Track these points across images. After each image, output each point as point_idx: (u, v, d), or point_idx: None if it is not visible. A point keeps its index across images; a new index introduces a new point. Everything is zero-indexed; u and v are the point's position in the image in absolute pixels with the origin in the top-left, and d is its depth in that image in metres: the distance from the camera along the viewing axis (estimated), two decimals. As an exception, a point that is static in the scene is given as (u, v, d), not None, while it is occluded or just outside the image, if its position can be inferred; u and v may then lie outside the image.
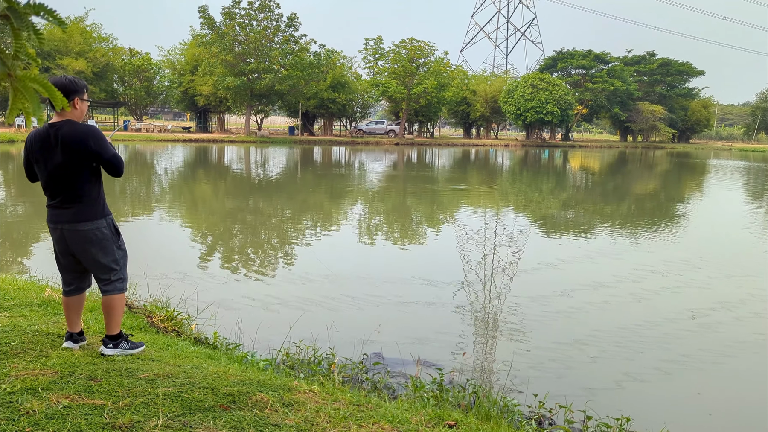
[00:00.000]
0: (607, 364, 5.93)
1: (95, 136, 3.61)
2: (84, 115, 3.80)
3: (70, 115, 3.67)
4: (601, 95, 72.40)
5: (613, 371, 5.75)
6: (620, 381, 5.53)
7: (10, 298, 5.17)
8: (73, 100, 3.66)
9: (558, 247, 11.84)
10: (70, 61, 53.07)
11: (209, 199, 18.18)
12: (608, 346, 6.37)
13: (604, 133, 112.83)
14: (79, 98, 3.70)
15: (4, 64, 1.48)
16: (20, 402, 2.97)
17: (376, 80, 61.42)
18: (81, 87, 3.72)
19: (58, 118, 3.68)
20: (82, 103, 3.74)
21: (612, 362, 5.97)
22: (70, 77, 3.72)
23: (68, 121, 3.63)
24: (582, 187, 26.05)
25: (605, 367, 5.84)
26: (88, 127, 3.61)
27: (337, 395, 3.65)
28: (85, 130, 3.59)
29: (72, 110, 3.68)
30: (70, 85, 3.66)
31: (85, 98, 3.77)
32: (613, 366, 5.88)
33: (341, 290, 8.01)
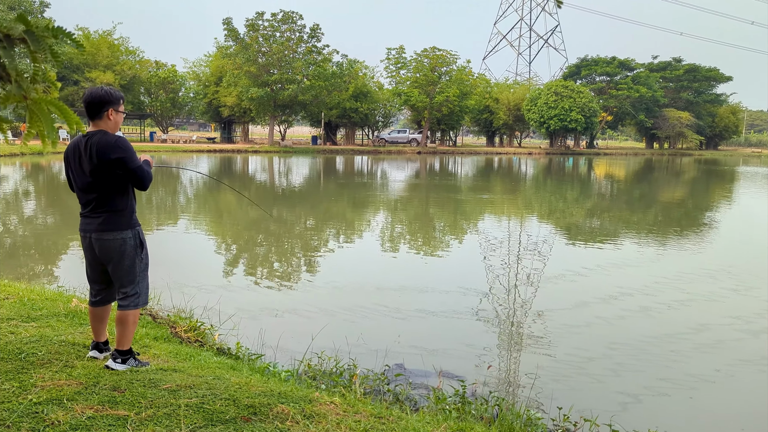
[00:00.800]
0: (633, 376, 5.82)
1: (122, 147, 3.62)
2: (119, 126, 3.80)
3: (104, 125, 3.71)
4: (626, 102, 71.67)
5: (639, 384, 5.64)
6: (646, 394, 5.42)
7: (38, 309, 5.25)
8: (107, 111, 3.69)
9: (583, 257, 11.70)
10: (98, 73, 54.10)
11: (233, 209, 18.33)
12: (635, 358, 6.26)
13: (629, 141, 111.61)
14: (113, 109, 3.72)
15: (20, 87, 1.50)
16: (45, 412, 3.01)
17: (398, 89, 61.57)
18: (116, 98, 3.74)
19: (93, 128, 3.73)
20: (117, 115, 3.75)
21: (638, 375, 5.86)
22: (106, 88, 3.76)
23: (101, 132, 3.68)
24: (607, 195, 25.76)
25: (631, 380, 5.73)
26: (117, 138, 3.64)
27: (359, 407, 3.64)
28: (114, 140, 3.62)
29: (106, 121, 3.71)
30: (105, 96, 3.69)
31: (121, 110, 3.78)
32: (639, 379, 5.77)
33: (364, 300, 8.00)
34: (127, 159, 3.62)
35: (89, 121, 3.75)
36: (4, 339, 4.16)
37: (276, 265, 10.48)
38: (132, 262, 3.76)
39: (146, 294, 3.89)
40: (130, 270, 3.76)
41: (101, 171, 3.63)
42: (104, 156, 3.59)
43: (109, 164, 3.60)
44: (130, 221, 3.77)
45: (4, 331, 4.35)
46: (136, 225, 3.81)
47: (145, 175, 3.69)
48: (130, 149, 3.66)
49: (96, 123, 3.71)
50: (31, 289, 6.33)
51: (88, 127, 3.78)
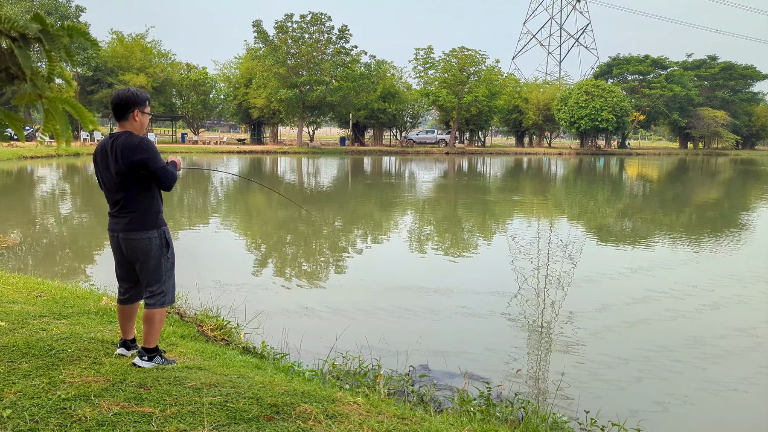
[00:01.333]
0: (661, 382, 5.70)
1: (145, 147, 3.66)
2: (144, 127, 3.85)
3: (129, 126, 3.77)
4: (660, 101, 70.43)
5: (667, 390, 5.52)
6: (674, 401, 5.31)
7: (69, 306, 5.35)
8: (132, 112, 3.74)
9: (613, 259, 11.52)
10: (132, 76, 55.04)
11: (262, 209, 18.49)
12: (664, 363, 6.14)
13: (662, 141, 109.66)
14: (139, 110, 3.77)
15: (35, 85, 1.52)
16: (73, 408, 3.06)
17: (427, 90, 61.43)
18: (142, 99, 3.79)
19: (119, 129, 3.79)
20: (143, 116, 3.80)
21: (667, 380, 5.74)
22: (132, 89, 3.81)
23: (126, 132, 3.73)
24: (639, 196, 25.33)
25: (659, 385, 5.61)
26: (141, 140, 3.68)
27: (382, 408, 3.62)
28: (137, 142, 3.66)
29: (132, 122, 3.77)
30: (132, 98, 3.75)
31: (146, 111, 3.82)
32: (667, 384, 5.65)
33: (390, 300, 7.99)
34: (149, 160, 3.66)
35: (116, 122, 3.80)
36: (35, 336, 4.25)
37: (303, 265, 10.53)
38: (158, 262, 3.81)
39: (173, 293, 3.94)
40: (156, 269, 3.81)
41: (126, 172, 3.68)
42: (128, 157, 3.64)
43: (133, 165, 3.65)
44: (156, 221, 3.81)
45: (36, 328, 4.44)
46: (162, 225, 3.85)
47: (169, 176, 3.72)
48: (154, 150, 3.69)
49: (122, 124, 3.77)
50: (64, 287, 6.47)
51: (115, 128, 3.84)
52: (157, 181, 3.73)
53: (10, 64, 1.45)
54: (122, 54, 57.34)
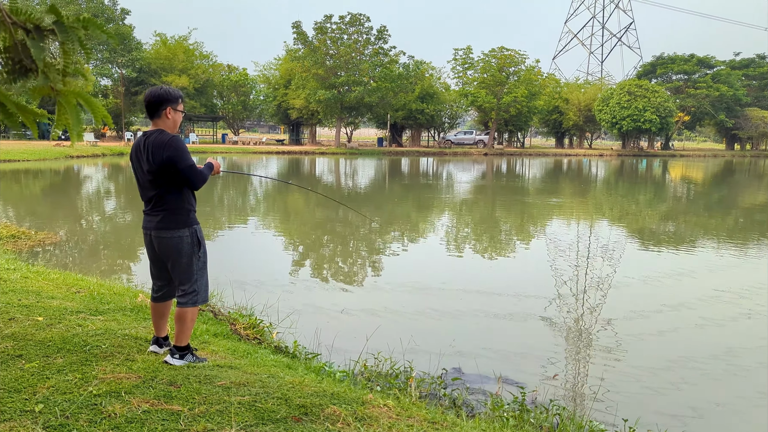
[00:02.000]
0: (703, 390, 5.49)
1: (173, 146, 3.65)
2: (177, 125, 3.85)
3: (162, 124, 3.77)
4: (705, 101, 68.54)
5: (709, 399, 5.31)
6: (716, 410, 5.10)
7: (106, 303, 5.43)
8: (165, 109, 3.74)
9: (656, 262, 11.20)
10: (174, 77, 56.14)
11: (301, 209, 18.59)
12: (706, 371, 5.91)
13: (708, 142, 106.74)
14: (171, 108, 3.76)
15: (47, 77, 1.49)
16: (103, 404, 3.08)
17: (465, 90, 61.03)
18: (174, 97, 3.79)
19: (152, 127, 3.81)
20: (175, 113, 3.79)
21: (709, 389, 5.53)
22: (165, 87, 3.82)
23: (158, 131, 3.74)
24: (683, 198, 24.66)
25: (700, 394, 5.41)
26: (171, 138, 3.68)
27: (412, 411, 3.56)
28: (167, 140, 3.66)
29: (164, 120, 3.77)
30: (164, 95, 3.75)
31: (179, 108, 3.81)
32: (709, 393, 5.44)
33: (425, 301, 7.91)
34: (176, 158, 3.65)
35: (150, 120, 3.82)
36: (71, 331, 4.31)
37: (338, 265, 10.52)
38: (189, 260, 3.81)
39: (205, 292, 3.93)
40: (187, 268, 3.81)
41: (157, 170, 3.69)
42: (158, 154, 3.65)
43: (163, 163, 3.66)
44: (188, 220, 3.80)
45: (72, 324, 4.51)
46: (193, 224, 3.84)
47: (196, 176, 3.71)
48: (182, 149, 3.68)
49: (155, 122, 3.78)
50: (101, 283, 6.57)
51: (149, 126, 3.86)
52: (185, 180, 3.72)
53: (24, 56, 1.43)
54: (165, 56, 58.56)
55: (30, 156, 33.88)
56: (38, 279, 6.25)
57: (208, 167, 3.90)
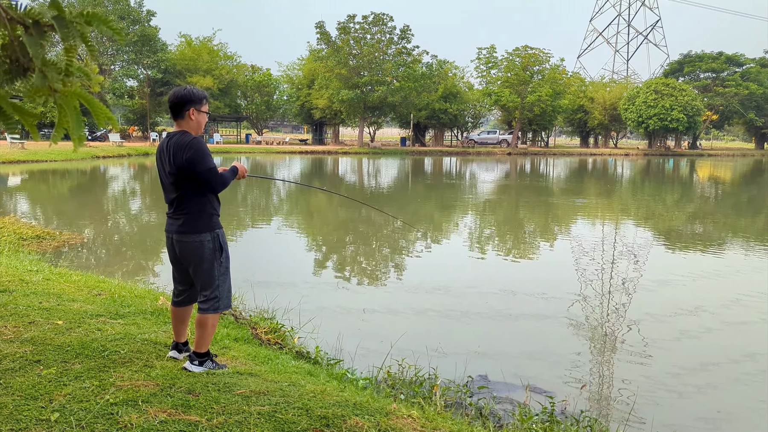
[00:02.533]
0: (738, 394, 5.26)
1: (193, 147, 3.55)
2: (201, 126, 3.74)
3: (186, 125, 3.68)
4: (734, 100, 67.16)
5: (745, 403, 5.09)
6: (755, 416, 4.88)
7: (126, 305, 5.38)
8: (188, 110, 3.65)
9: (683, 263, 10.91)
10: (199, 78, 56.62)
11: (323, 209, 18.54)
12: (739, 378, 5.68)
13: (736, 141, 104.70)
14: (195, 109, 3.66)
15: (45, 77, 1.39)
16: (120, 414, 2.99)
17: (489, 89, 60.58)
18: (198, 98, 3.69)
19: (176, 129, 3.72)
20: (199, 114, 3.69)
21: (744, 393, 5.30)
22: (189, 88, 3.73)
23: (181, 132, 3.65)
24: (711, 198, 24.12)
25: (737, 399, 5.18)
26: (192, 139, 3.58)
27: (438, 423, 3.42)
28: (188, 141, 3.57)
29: (188, 121, 3.68)
30: (188, 96, 3.66)
31: (203, 109, 3.71)
32: (745, 397, 5.21)
33: (449, 303, 7.75)
34: (195, 160, 3.54)
35: (173, 121, 3.74)
36: (90, 336, 4.25)
37: (361, 267, 10.41)
38: (211, 266, 3.70)
39: (228, 298, 3.81)
40: (209, 273, 3.71)
41: (178, 171, 3.60)
42: (178, 156, 3.56)
43: (183, 164, 3.56)
44: (210, 224, 3.70)
45: (92, 328, 4.45)
46: (215, 228, 3.73)
47: (215, 179, 3.60)
48: (202, 150, 3.58)
49: (179, 123, 3.69)
50: (123, 285, 6.54)
51: (173, 128, 3.77)
52: (203, 183, 3.61)
53: (21, 54, 1.34)
54: (190, 56, 59.08)
55: (57, 156, 34.36)
56: (60, 281, 6.24)
57: (232, 171, 3.79)
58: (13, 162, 31.19)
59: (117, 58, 57.24)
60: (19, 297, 5.24)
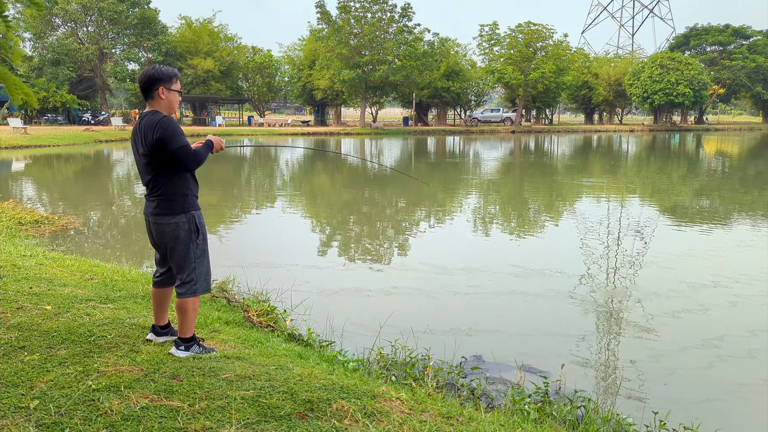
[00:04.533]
0: (740, 377, 5.19)
1: (164, 126, 3.45)
2: (173, 105, 3.63)
3: (156, 105, 3.59)
4: (741, 73, 66.37)
5: (747, 387, 5.02)
6: (756, 399, 4.81)
7: (118, 290, 5.33)
8: (157, 89, 3.55)
9: (689, 240, 10.80)
10: (200, 60, 56.28)
11: (326, 190, 18.46)
12: (744, 356, 5.61)
13: (744, 115, 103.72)
14: (164, 87, 3.57)
15: None
16: (101, 400, 2.95)
17: (492, 67, 60.00)
18: (167, 76, 3.59)
19: (148, 109, 3.63)
20: (169, 93, 3.59)
21: (747, 375, 5.23)
22: (158, 66, 3.63)
23: (152, 112, 3.56)
24: (717, 173, 23.91)
25: (737, 381, 5.11)
26: (161, 118, 3.48)
27: (427, 405, 3.37)
28: (157, 121, 3.47)
29: (158, 100, 3.58)
30: (156, 74, 3.56)
31: (174, 88, 3.61)
32: (747, 380, 5.14)
33: (450, 283, 7.69)
34: (166, 138, 3.44)
35: (145, 101, 3.65)
36: (78, 321, 4.20)
37: (359, 248, 10.34)
38: (186, 248, 3.63)
39: (206, 281, 3.74)
40: (184, 256, 3.64)
41: (150, 153, 3.52)
42: (149, 136, 3.48)
43: (154, 144, 3.47)
44: (185, 205, 3.61)
45: (80, 313, 4.41)
46: (191, 209, 3.64)
47: (188, 156, 3.50)
48: (172, 129, 3.47)
49: (150, 103, 3.60)
50: (116, 269, 6.50)
51: (145, 109, 3.69)
52: (177, 162, 3.51)
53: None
54: (191, 39, 58.65)
55: (60, 141, 34.30)
56: (53, 265, 6.19)
57: (206, 146, 3.68)
58: (16, 147, 31.17)
59: (118, 41, 56.89)
60: (10, 282, 5.20)
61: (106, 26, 54.92)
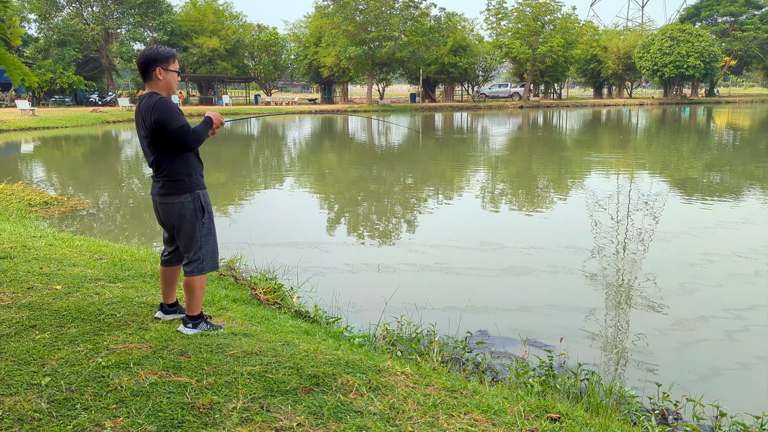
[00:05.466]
0: (747, 350, 5.21)
1: (161, 107, 3.46)
2: (171, 86, 3.63)
3: (155, 86, 3.59)
4: (753, 44, 65.37)
5: (753, 359, 5.04)
6: (761, 372, 4.84)
7: (127, 269, 5.39)
8: (155, 70, 3.55)
9: (699, 214, 10.76)
10: (205, 39, 56.04)
11: (334, 168, 18.46)
12: (750, 329, 5.62)
13: (756, 87, 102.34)
14: (161, 68, 3.56)
15: None
16: (111, 377, 3.00)
17: (499, 41, 59.39)
18: (164, 56, 3.58)
19: (147, 90, 3.64)
20: (167, 73, 3.59)
21: (753, 348, 5.25)
22: (155, 47, 3.62)
23: (149, 94, 3.57)
24: (728, 146, 23.69)
25: (744, 354, 5.13)
26: (158, 99, 3.48)
27: (431, 379, 3.41)
28: (154, 102, 3.47)
29: (156, 81, 3.58)
30: (153, 55, 3.55)
31: (172, 68, 3.60)
32: (753, 353, 5.16)
33: (459, 258, 7.72)
34: (164, 120, 3.45)
35: (144, 83, 3.65)
36: (88, 300, 4.26)
37: (367, 225, 10.37)
38: (192, 227, 3.66)
39: (212, 259, 3.78)
40: (191, 234, 3.67)
41: (150, 135, 3.54)
42: (148, 118, 3.49)
43: (153, 126, 3.49)
44: (189, 185, 3.63)
45: (89, 292, 4.47)
46: (196, 188, 3.66)
47: (188, 135, 3.50)
48: (169, 110, 3.47)
49: (148, 84, 3.61)
50: (125, 249, 6.56)
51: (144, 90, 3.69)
52: (177, 142, 3.53)
53: None
54: (196, 17, 58.34)
55: (68, 122, 34.39)
56: (63, 246, 6.26)
57: (205, 123, 3.67)
58: (24, 129, 31.29)
59: (123, 21, 56.67)
60: (20, 263, 5.27)
61: (111, 6, 54.66)
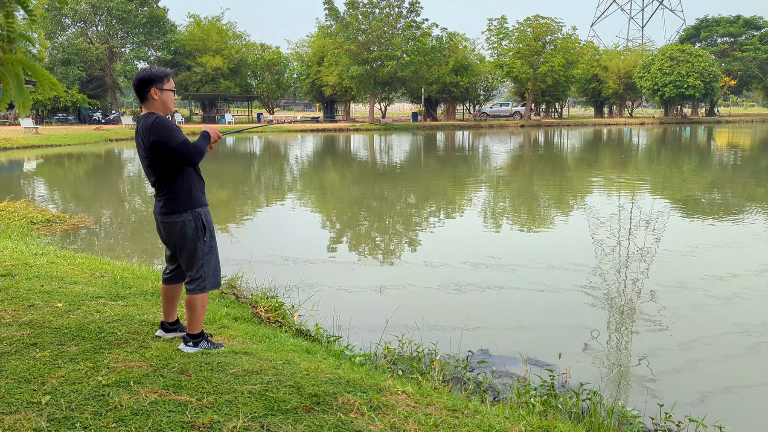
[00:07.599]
0: (749, 371, 5.18)
1: (159, 126, 3.48)
2: (168, 105, 3.66)
3: (151, 106, 3.62)
4: (753, 64, 65.80)
5: (755, 380, 5.01)
6: (763, 393, 4.81)
7: (128, 287, 5.39)
8: (149, 91, 3.58)
9: (701, 233, 10.75)
10: (208, 58, 56.46)
11: (336, 186, 18.50)
12: (753, 350, 5.59)
13: (756, 107, 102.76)
14: (156, 88, 3.59)
15: None
16: (111, 395, 2.99)
17: (500, 61, 59.76)
18: (158, 77, 3.61)
19: (144, 111, 3.67)
20: (162, 93, 3.61)
21: (756, 370, 5.22)
22: (150, 68, 3.64)
23: (146, 114, 3.59)
24: (729, 165, 23.73)
25: (746, 375, 5.10)
26: (155, 119, 3.51)
27: (432, 398, 3.40)
28: (150, 123, 3.50)
29: (152, 101, 3.61)
30: (147, 76, 3.58)
31: (167, 87, 3.63)
32: (755, 374, 5.13)
33: (460, 277, 7.70)
34: (162, 139, 3.48)
35: (141, 102, 3.68)
36: (88, 318, 4.26)
37: (370, 243, 10.37)
38: (194, 246, 3.67)
39: (214, 277, 3.78)
40: (192, 253, 3.68)
41: (150, 155, 3.56)
42: (146, 138, 3.53)
43: (152, 146, 3.52)
44: (190, 203, 3.64)
45: (90, 310, 4.47)
46: (197, 206, 3.67)
47: (189, 150, 3.52)
48: (167, 128, 3.50)
49: (145, 105, 3.63)
50: (126, 266, 6.56)
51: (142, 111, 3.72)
52: (179, 159, 3.55)
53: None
54: (199, 37, 58.84)
55: (71, 140, 34.57)
56: (64, 264, 6.27)
57: (203, 137, 3.68)
58: (27, 147, 31.45)
59: (127, 40, 57.17)
60: (22, 281, 5.28)
61: (115, 25, 55.19)
